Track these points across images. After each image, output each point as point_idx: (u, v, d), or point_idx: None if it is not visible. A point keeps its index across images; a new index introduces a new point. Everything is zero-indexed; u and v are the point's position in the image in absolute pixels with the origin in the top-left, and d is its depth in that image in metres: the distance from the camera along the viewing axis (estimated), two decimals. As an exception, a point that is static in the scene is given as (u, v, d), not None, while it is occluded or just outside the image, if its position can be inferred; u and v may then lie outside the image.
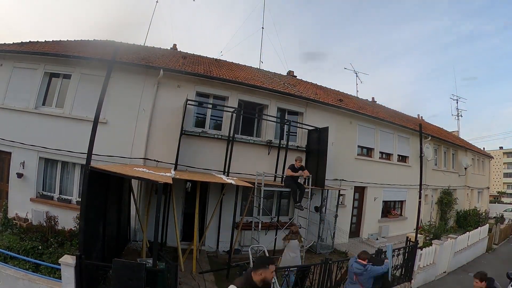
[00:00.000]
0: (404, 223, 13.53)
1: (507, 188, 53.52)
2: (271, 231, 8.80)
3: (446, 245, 8.66)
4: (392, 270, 6.67)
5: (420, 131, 9.09)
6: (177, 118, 8.28)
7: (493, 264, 10.32)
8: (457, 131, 24.93)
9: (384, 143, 12.75)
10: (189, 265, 6.84)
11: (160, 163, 8.16)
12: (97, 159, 7.10)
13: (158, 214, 4.55)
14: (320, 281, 5.48)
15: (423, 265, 7.86)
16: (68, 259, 4.39)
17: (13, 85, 8.41)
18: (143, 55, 9.52)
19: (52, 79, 8.63)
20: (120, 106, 8.24)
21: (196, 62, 10.72)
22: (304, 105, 10.36)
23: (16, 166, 8.05)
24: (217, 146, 8.77)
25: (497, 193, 47.53)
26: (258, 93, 9.54)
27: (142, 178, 5.11)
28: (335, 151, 10.58)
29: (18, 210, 7.95)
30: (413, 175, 13.08)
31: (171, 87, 8.58)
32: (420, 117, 21.96)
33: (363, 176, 11.67)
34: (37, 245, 6.42)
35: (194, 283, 6.18)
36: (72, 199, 8.20)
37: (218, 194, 8.52)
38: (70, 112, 8.25)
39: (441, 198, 15.76)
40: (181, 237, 8.37)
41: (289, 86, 11.47)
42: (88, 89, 8.11)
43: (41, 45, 9.09)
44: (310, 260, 8.21)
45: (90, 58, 8.15)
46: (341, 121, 11.18)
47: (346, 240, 10.26)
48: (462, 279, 8.59)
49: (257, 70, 13.67)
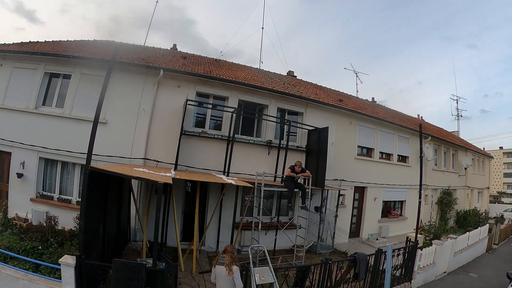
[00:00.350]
0: (404, 223, 13.53)
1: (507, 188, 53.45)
2: (271, 231, 8.80)
3: (446, 245, 8.67)
4: (392, 270, 6.68)
5: (420, 131, 9.10)
6: (177, 118, 8.28)
7: (493, 264, 10.34)
8: (457, 131, 24.94)
9: (384, 143, 12.74)
10: (189, 265, 6.84)
11: (160, 163, 8.16)
12: (97, 159, 7.12)
13: (158, 214, 4.55)
14: (320, 281, 5.48)
15: (423, 265, 7.87)
16: (68, 259, 4.39)
17: (13, 85, 8.41)
18: (143, 55, 9.52)
19: (52, 79, 8.63)
20: (120, 106, 8.24)
21: (196, 62, 10.72)
22: (304, 105, 10.37)
23: (16, 166, 8.06)
24: (217, 146, 8.77)
25: (497, 193, 47.46)
26: (258, 93, 9.54)
27: (142, 178, 5.10)
28: (335, 151, 10.58)
29: (18, 210, 7.95)
30: (413, 175, 13.09)
31: (171, 87, 8.58)
32: (420, 117, 21.97)
33: (363, 176, 11.67)
34: (37, 245, 6.43)
35: (194, 283, 6.18)
36: (72, 199, 8.19)
37: (218, 194, 8.52)
38: (70, 112, 8.25)
39: (441, 198, 15.76)
40: (181, 237, 8.38)
41: (289, 86, 11.47)
42: (88, 89, 8.11)
43: (41, 45, 9.10)
44: (310, 260, 8.22)
45: (90, 58, 8.15)
46: (341, 121, 11.18)
47: (346, 240, 10.25)
48: (462, 279, 8.60)
49: (257, 70, 13.67)
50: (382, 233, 12.06)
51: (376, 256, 6.46)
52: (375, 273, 6.45)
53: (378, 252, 6.52)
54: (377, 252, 6.52)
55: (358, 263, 6.03)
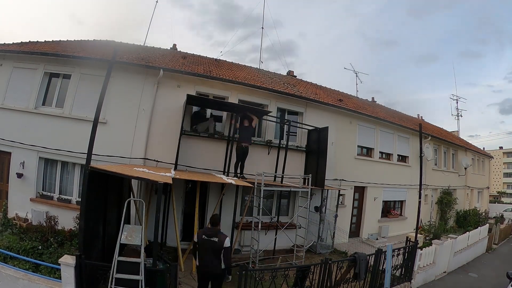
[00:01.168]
0: (404, 223, 13.53)
1: (507, 188, 53.49)
2: (271, 231, 8.80)
3: (446, 245, 8.66)
4: (392, 270, 6.68)
5: (420, 131, 9.09)
6: (177, 118, 8.27)
7: (493, 264, 10.34)
8: (457, 131, 24.94)
9: (384, 143, 12.75)
10: (189, 265, 6.84)
11: (160, 163, 8.16)
12: (97, 159, 7.10)
13: (158, 214, 4.55)
14: (320, 281, 5.48)
15: (423, 265, 7.87)
16: (68, 259, 4.39)
17: (13, 85, 8.41)
18: (143, 55, 9.51)
19: (52, 79, 8.63)
20: (120, 106, 8.24)
21: (196, 62, 10.72)
22: (304, 105, 10.37)
23: (16, 166, 8.05)
24: (217, 146, 8.77)
25: (497, 193, 47.49)
26: (258, 93, 9.53)
27: (142, 178, 5.11)
28: (335, 151, 10.58)
29: (18, 210, 7.96)
30: (413, 175, 13.09)
31: (171, 87, 8.58)
32: (420, 117, 21.96)
33: (363, 176, 11.67)
34: (37, 245, 6.42)
35: (194, 283, 6.18)
36: (72, 199, 8.19)
37: (218, 194, 8.52)
38: (70, 112, 8.25)
39: (441, 198, 15.76)
40: (181, 237, 8.37)
41: (289, 86, 11.47)
42: (88, 89, 8.11)
43: (41, 45, 9.09)
44: (310, 260, 8.22)
45: (90, 58, 8.15)
46: (341, 121, 11.18)
47: (346, 240, 10.26)
48: (462, 279, 8.60)
49: (257, 70, 13.67)
50: (382, 233, 12.06)
51: (376, 256, 6.46)
52: (375, 273, 6.45)
53: (378, 252, 6.52)
54: (377, 252, 6.52)
55: (358, 263, 6.03)
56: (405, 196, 13.76)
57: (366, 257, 6.21)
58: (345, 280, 6.06)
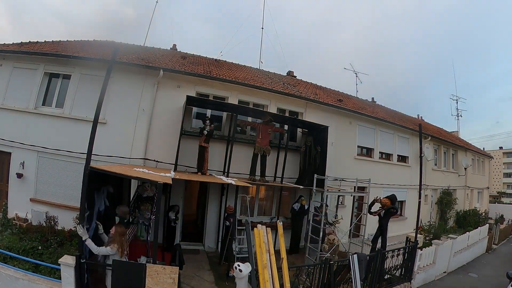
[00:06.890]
0: (404, 223, 13.50)
1: (507, 188, 53.48)
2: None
3: (445, 245, 8.67)
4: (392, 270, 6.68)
5: (420, 131, 9.10)
6: (177, 118, 8.27)
7: (493, 264, 10.34)
8: (457, 131, 24.92)
9: (384, 143, 12.74)
10: (189, 265, 6.84)
11: (160, 164, 8.15)
12: (96, 159, 7.10)
13: (158, 214, 4.55)
14: (320, 281, 5.49)
15: (423, 265, 7.88)
16: (68, 259, 4.40)
17: (13, 85, 8.41)
18: (142, 55, 9.50)
19: (52, 79, 8.62)
20: (119, 106, 8.23)
21: (195, 62, 10.71)
22: (304, 105, 10.36)
23: (16, 166, 8.04)
24: (217, 146, 8.77)
25: (497, 193, 47.48)
26: (258, 93, 9.53)
27: (142, 178, 5.11)
28: (335, 151, 10.57)
29: (18, 210, 7.94)
30: (413, 175, 13.07)
31: (171, 87, 8.58)
32: (420, 117, 21.96)
33: (363, 176, 11.64)
34: (37, 245, 6.41)
35: (194, 283, 6.18)
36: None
37: (218, 194, 8.52)
38: (69, 112, 8.24)
39: (441, 198, 15.74)
40: (181, 237, 8.39)
41: (288, 86, 11.47)
42: (88, 89, 8.09)
43: (41, 45, 9.08)
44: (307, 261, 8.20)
45: (90, 58, 8.14)
46: (341, 121, 11.17)
47: (346, 240, 10.24)
48: (462, 279, 8.61)
49: (257, 70, 13.66)
50: (382, 233, 12.03)
51: (376, 256, 6.47)
52: (375, 273, 6.46)
53: (378, 252, 6.53)
54: (377, 252, 6.53)
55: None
56: (405, 196, 13.74)
57: (366, 258, 6.23)
58: (345, 280, 6.07)
